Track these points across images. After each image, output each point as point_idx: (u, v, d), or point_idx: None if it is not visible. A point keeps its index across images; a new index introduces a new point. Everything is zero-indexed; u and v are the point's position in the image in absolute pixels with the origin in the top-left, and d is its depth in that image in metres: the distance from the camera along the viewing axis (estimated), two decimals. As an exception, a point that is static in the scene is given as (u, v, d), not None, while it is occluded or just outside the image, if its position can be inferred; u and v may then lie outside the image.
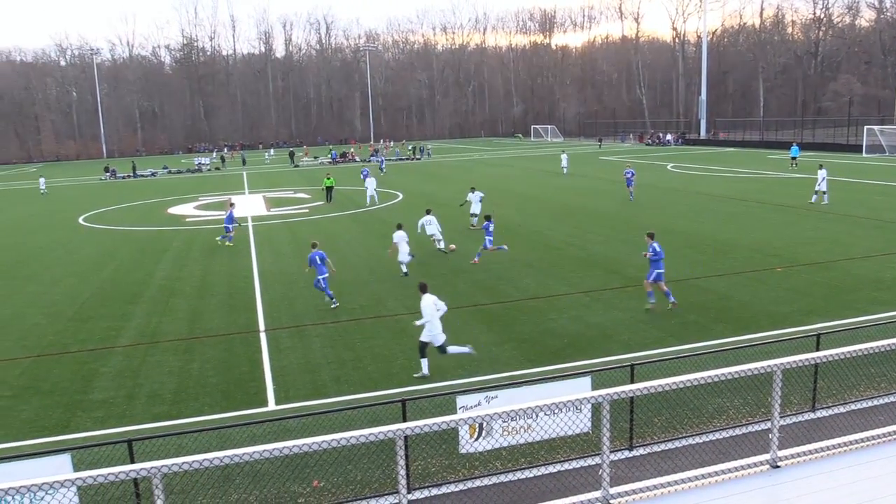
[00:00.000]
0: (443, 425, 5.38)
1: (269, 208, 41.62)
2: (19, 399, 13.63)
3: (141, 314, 19.33)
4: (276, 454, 5.14)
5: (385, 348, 15.51)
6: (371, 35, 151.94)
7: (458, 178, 54.99)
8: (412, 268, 22.67)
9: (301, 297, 20.31)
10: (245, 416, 12.25)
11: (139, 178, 71.88)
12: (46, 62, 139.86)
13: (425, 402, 10.64)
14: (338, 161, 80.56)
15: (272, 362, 14.93)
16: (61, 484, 5.04)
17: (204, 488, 9.78)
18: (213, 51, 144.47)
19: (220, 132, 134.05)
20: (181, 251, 28.45)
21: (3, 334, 17.97)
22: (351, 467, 10.15)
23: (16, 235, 35.17)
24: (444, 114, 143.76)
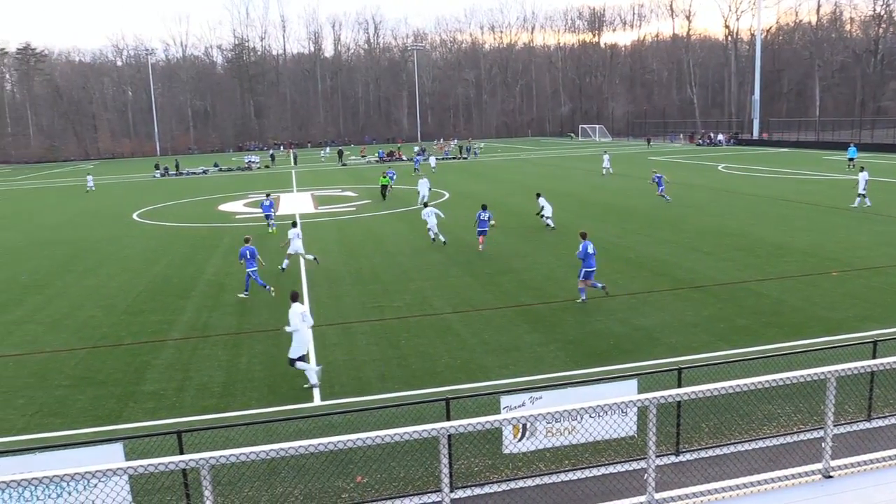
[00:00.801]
0: (486, 425, 5.37)
1: (316, 206, 42.10)
2: (75, 388, 14.06)
3: (191, 308, 19.75)
4: (321, 449, 5.20)
5: (429, 346, 15.56)
6: (419, 34, 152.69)
7: (504, 178, 54.85)
8: (455, 271, 22.69)
9: (347, 294, 20.50)
10: (291, 410, 12.42)
11: (183, 175, 73.38)
12: (104, 62, 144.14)
13: (469, 402, 10.64)
14: (385, 160, 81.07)
15: (318, 358, 15.10)
16: (114, 472, 5.18)
17: (250, 480, 9.95)
18: (263, 51, 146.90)
19: (270, 131, 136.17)
20: (231, 247, 28.95)
21: (61, 326, 18.56)
22: (394, 464, 10.21)
23: (74, 230, 36.28)
24: (492, 113, 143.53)
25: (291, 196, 48.50)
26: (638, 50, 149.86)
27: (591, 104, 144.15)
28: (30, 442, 11.51)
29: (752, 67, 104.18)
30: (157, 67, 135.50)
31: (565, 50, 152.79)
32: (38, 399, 13.60)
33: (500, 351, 15.08)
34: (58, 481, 5.81)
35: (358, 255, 26.16)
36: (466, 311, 18.22)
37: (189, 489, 8.85)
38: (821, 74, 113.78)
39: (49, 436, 11.87)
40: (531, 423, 9.56)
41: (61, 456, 8.80)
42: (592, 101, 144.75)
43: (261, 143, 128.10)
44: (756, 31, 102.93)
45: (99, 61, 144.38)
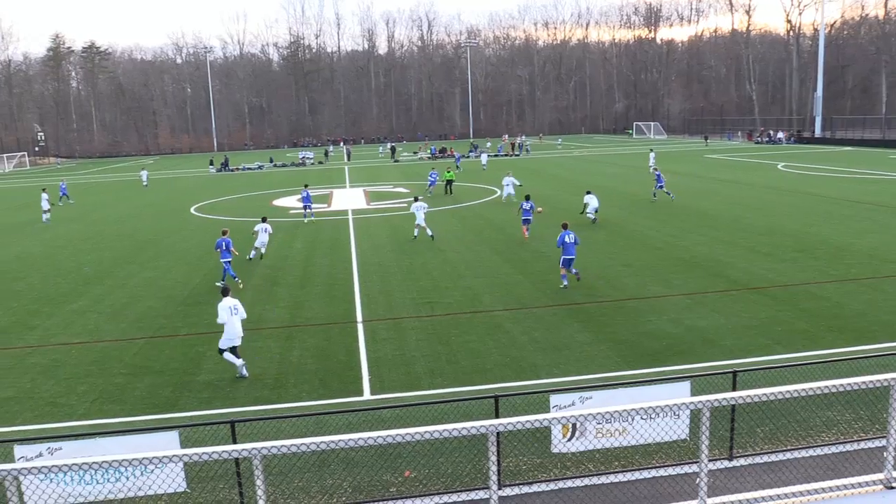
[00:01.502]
0: (535, 423, 5.35)
1: (368, 202, 42.47)
2: (134, 377, 14.49)
3: (246, 301, 19.98)
4: (371, 443, 5.25)
5: (479, 343, 15.55)
6: (472, 31, 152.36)
7: (555, 175, 54.44)
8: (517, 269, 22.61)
9: (398, 289, 20.64)
10: (341, 404, 12.57)
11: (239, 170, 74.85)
12: (164, 60, 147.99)
13: (518, 400, 10.60)
14: (437, 156, 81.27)
15: (368, 353, 15.25)
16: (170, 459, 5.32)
17: (300, 472, 10.10)
18: (318, 48, 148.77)
19: (324, 127, 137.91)
20: (284, 242, 29.45)
21: (120, 316, 19.15)
22: (443, 460, 10.24)
23: (135, 224, 37.37)
24: (544, 110, 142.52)
25: (344, 192, 49.04)
26: (695, 45, 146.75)
27: (647, 101, 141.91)
28: (90, 427, 11.91)
29: (814, 63, 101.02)
30: (215, 65, 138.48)
31: (620, 46, 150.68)
32: (98, 386, 14.07)
33: (550, 349, 14.99)
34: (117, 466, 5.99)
35: (409, 251, 26.31)
36: (517, 308, 18.15)
37: (241, 478, 9.03)
38: (888, 70, 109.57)
39: (108, 422, 12.27)
40: (581, 423, 9.49)
41: (120, 441, 9.08)
42: (647, 97, 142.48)
43: (315, 140, 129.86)
44: (819, 26, 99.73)
45: (160, 59, 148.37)
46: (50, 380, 14.54)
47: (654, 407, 5.54)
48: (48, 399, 13.54)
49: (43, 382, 14.41)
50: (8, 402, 13.52)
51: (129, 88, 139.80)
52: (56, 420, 12.51)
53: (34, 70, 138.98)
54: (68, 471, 8.22)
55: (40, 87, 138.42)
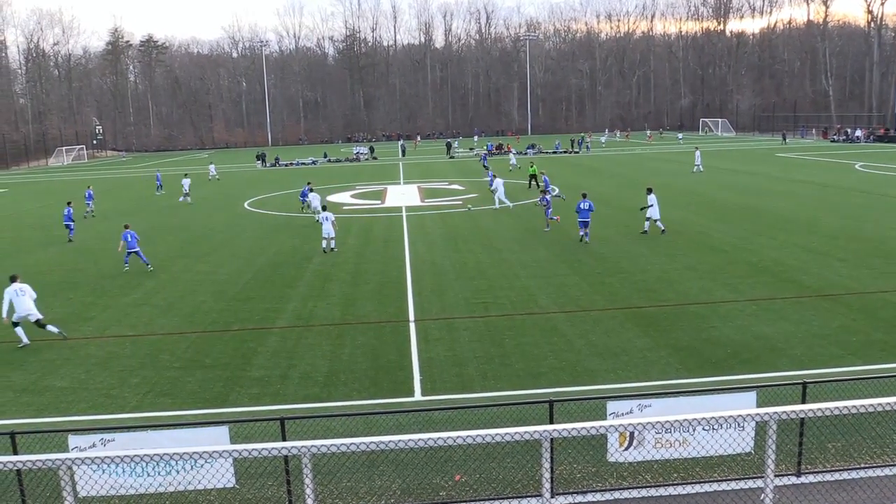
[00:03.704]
0: (591, 430, 5.30)
1: (422, 199, 42.66)
2: (185, 371, 14.88)
3: (298, 298, 20.48)
4: (421, 444, 5.28)
5: (534, 346, 15.48)
6: (532, 24, 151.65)
7: (617, 173, 53.75)
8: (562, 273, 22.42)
9: (451, 288, 20.68)
10: (391, 404, 12.66)
11: (285, 166, 76.07)
12: (220, 54, 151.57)
13: (573, 405, 10.51)
14: (493, 153, 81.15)
15: (420, 353, 15.33)
16: (220, 454, 5.44)
17: (349, 471, 10.21)
18: (374, 42, 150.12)
19: (379, 122, 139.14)
20: (337, 238, 29.76)
21: (174, 310, 19.69)
22: (494, 465, 10.22)
23: (189, 218, 38.36)
24: (606, 105, 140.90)
25: (398, 188, 49.37)
26: (767, 38, 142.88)
27: (714, 96, 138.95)
28: (142, 420, 12.28)
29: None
30: (271, 59, 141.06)
31: (687, 39, 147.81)
32: (150, 379, 14.49)
33: (608, 354, 14.82)
34: (167, 459, 6.16)
35: (463, 249, 26.34)
36: (573, 311, 18.00)
37: (290, 476, 9.18)
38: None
39: (160, 415, 12.63)
40: (639, 432, 9.36)
41: (171, 435, 9.34)
42: (715, 93, 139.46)
43: (369, 135, 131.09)
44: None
45: (216, 53, 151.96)
46: (104, 371, 15.04)
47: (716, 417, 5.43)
48: (102, 391, 14.01)
49: (97, 374, 14.92)
50: (63, 392, 14.04)
51: (185, 82, 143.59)
52: (109, 412, 12.93)
53: (93, 64, 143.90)
54: (120, 462, 8.49)
55: (99, 81, 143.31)
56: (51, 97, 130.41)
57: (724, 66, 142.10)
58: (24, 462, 5.53)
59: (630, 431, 9.35)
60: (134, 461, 7.84)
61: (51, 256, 28.78)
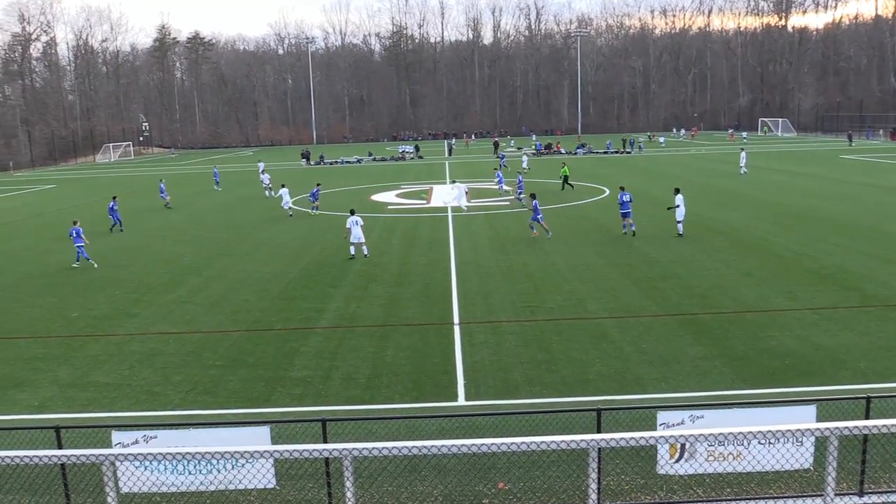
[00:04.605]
0: (641, 441, 5.23)
1: (469, 199, 42.65)
2: (228, 370, 15.13)
3: (341, 298, 20.67)
4: (464, 450, 5.28)
5: (582, 352, 15.35)
6: (583, 20, 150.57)
7: (669, 174, 52.97)
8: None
9: (497, 291, 20.64)
10: (434, 408, 12.69)
11: (330, 164, 76.82)
12: (266, 51, 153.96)
13: (622, 415, 10.40)
14: (542, 152, 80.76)
15: (464, 356, 15.33)
16: (261, 454, 5.52)
17: (391, 476, 10.26)
18: (421, 38, 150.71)
19: (425, 120, 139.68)
20: (382, 238, 30.01)
21: (217, 308, 20.05)
22: (538, 473, 10.16)
23: (233, 215, 39.03)
24: (659, 104, 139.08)
25: (444, 188, 49.44)
26: (832, 34, 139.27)
27: (774, 95, 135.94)
28: (184, 417, 12.52)
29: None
30: (317, 56, 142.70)
31: (746, 35, 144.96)
32: (193, 377, 14.77)
33: (659, 362, 14.61)
34: (209, 458, 6.27)
35: (509, 251, 26.26)
36: (623, 316, 17.80)
37: (331, 478, 9.26)
38: None
39: (202, 413, 12.87)
40: (691, 444, 9.21)
41: (212, 434, 9.51)
42: (775, 91, 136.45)
43: (415, 133, 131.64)
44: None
45: (262, 50, 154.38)
46: (147, 368, 15.39)
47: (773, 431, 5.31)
48: (145, 387, 14.33)
49: (141, 370, 15.27)
50: (107, 388, 14.40)
51: (231, 79, 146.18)
52: (152, 408, 13.22)
53: (140, 61, 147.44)
54: (162, 459, 8.69)
55: (146, 78, 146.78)
56: (99, 94, 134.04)
57: (786, 64, 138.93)
58: (69, 456, 5.70)
59: (681, 443, 9.21)
60: (176, 459, 8.00)
61: (95, 251, 29.53)
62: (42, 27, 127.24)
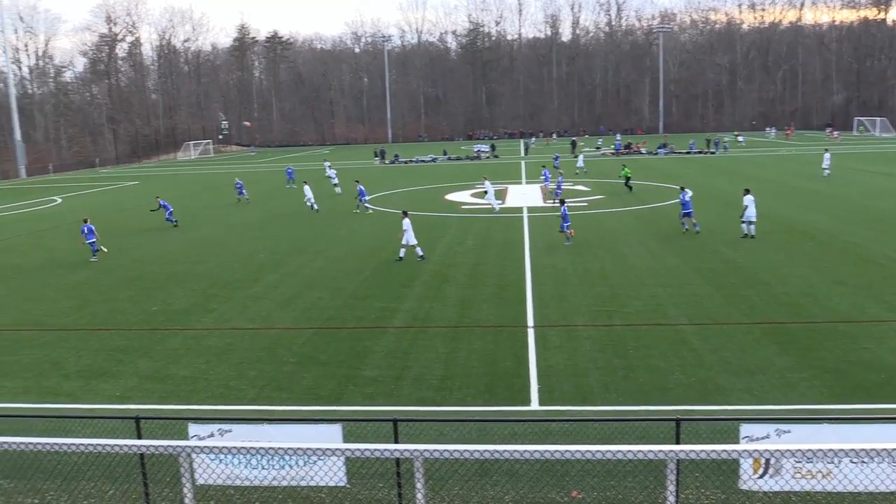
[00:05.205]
0: (723, 454, 5.10)
1: (545, 200, 42.40)
2: (301, 367, 15.44)
3: (414, 298, 20.83)
4: (537, 456, 5.25)
5: (661, 359, 15.04)
6: (666, 15, 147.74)
7: (756, 176, 51.42)
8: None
9: (573, 294, 20.43)
10: (506, 412, 12.64)
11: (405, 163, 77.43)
12: (342, 49, 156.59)
13: (702, 426, 10.15)
14: (621, 152, 79.60)
15: (538, 360, 15.23)
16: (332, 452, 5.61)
17: (461, 479, 10.27)
18: (498, 36, 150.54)
19: (501, 119, 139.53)
20: (456, 238, 30.11)
21: (291, 305, 20.48)
22: (614, 483, 10.01)
23: (308, 213, 39.77)
24: (746, 102, 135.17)
25: (520, 188, 49.30)
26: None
27: (872, 92, 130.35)
28: (258, 412, 12.83)
29: None
30: (393, 54, 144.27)
31: (841, 29, 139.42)
32: (267, 373, 15.13)
33: (743, 372, 14.19)
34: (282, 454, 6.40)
35: (586, 253, 25.96)
36: (705, 324, 17.36)
37: (401, 479, 9.33)
38: None
39: (275, 409, 13.18)
40: (776, 459, 8.91)
41: (285, 430, 9.70)
42: (873, 88, 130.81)
43: (490, 132, 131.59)
44: None
45: (338, 49, 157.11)
46: (223, 363, 15.85)
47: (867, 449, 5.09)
48: (221, 381, 14.76)
49: (217, 365, 15.74)
50: (185, 381, 14.90)
51: (307, 78, 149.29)
52: (227, 402, 13.60)
53: (220, 60, 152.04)
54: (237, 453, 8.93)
55: (225, 77, 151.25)
56: (180, 93, 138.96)
57: (885, 59, 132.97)
58: (148, 447, 5.92)
59: (766, 458, 8.92)
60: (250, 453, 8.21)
61: (176, 246, 30.62)
62: (127, 28, 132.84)
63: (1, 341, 18.38)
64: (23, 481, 10.61)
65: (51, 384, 15.14)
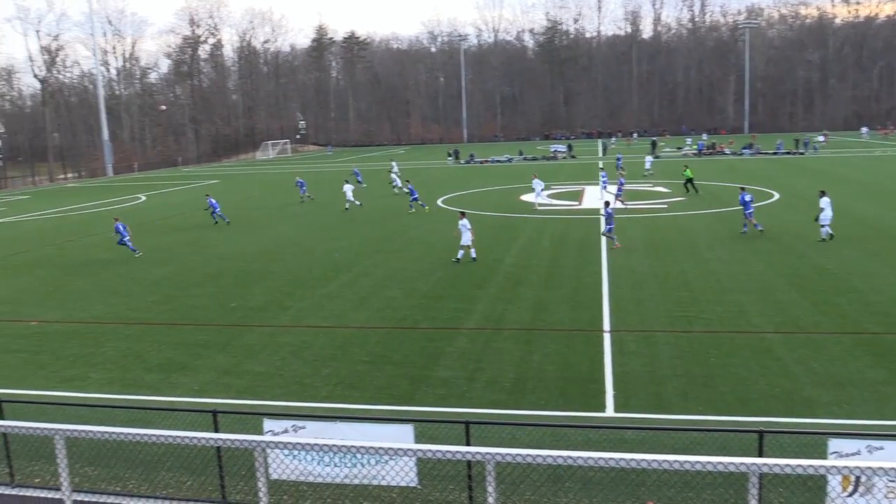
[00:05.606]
0: (809, 470, 4.91)
1: (623, 202, 41.76)
2: (374, 366, 15.62)
3: (487, 299, 20.81)
4: (612, 464, 5.16)
5: (743, 368, 14.62)
6: (753, 10, 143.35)
7: (851, 178, 49.46)
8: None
9: (652, 298, 20.06)
10: (581, 417, 12.50)
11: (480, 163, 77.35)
12: (419, 49, 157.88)
13: (787, 439, 9.81)
14: (703, 153, 77.73)
15: (614, 366, 15.00)
16: (404, 452, 5.64)
17: (533, 485, 10.21)
18: (576, 33, 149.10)
19: (578, 119, 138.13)
20: (531, 240, 29.96)
21: (365, 304, 20.75)
22: (692, 495, 9.77)
23: (382, 213, 40.24)
24: (839, 100, 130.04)
25: (596, 189, 48.67)
26: None
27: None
28: (330, 410, 13.05)
29: None
30: (469, 53, 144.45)
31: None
32: (340, 371, 15.37)
33: (832, 384, 13.66)
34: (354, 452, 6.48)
35: (666, 257, 25.44)
36: (792, 332, 16.78)
37: (472, 482, 9.34)
38: None
39: (347, 407, 13.37)
40: (867, 477, 8.53)
41: (357, 428, 9.85)
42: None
43: (568, 132, 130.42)
44: None
45: (415, 48, 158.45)
46: (298, 360, 16.17)
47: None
48: (295, 378, 15.07)
49: (292, 362, 16.08)
50: (260, 376, 15.27)
51: (384, 78, 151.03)
52: (300, 399, 13.87)
53: (298, 61, 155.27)
54: (310, 450, 9.10)
55: (303, 77, 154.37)
56: (259, 93, 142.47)
57: None
58: (224, 440, 6.08)
59: (856, 475, 8.56)
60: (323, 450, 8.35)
61: (253, 245, 31.41)
62: (210, 30, 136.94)
63: (88, 333, 19.22)
64: (105, 469, 11.07)
65: (133, 376, 15.75)
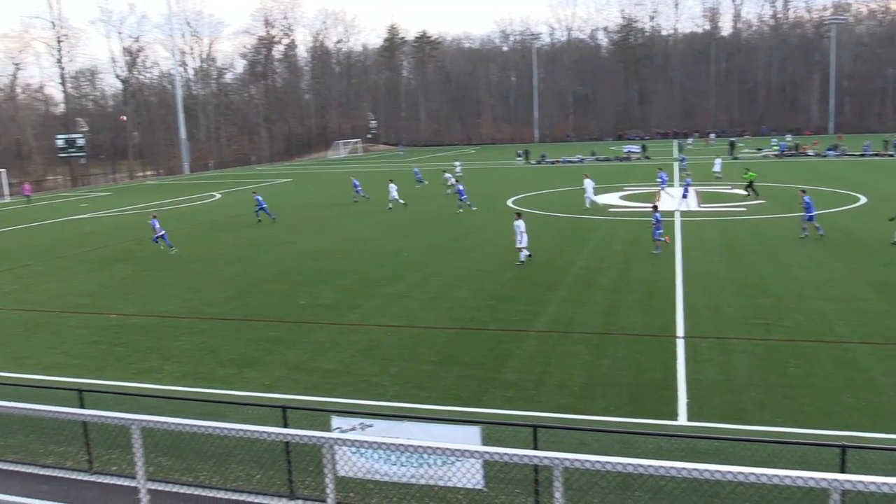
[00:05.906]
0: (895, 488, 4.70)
1: (699, 204, 40.92)
2: (442, 367, 15.68)
3: (557, 301, 20.65)
4: (684, 474, 5.05)
5: (826, 380, 14.13)
6: (840, 5, 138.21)
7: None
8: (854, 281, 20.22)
9: (728, 304, 19.58)
10: (652, 425, 12.28)
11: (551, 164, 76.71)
12: (490, 48, 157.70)
13: (873, 455, 9.42)
14: (784, 154, 75.43)
15: (688, 373, 14.69)
16: (471, 454, 5.64)
17: (601, 492, 10.07)
18: (652, 31, 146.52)
19: (653, 118, 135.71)
20: (603, 242, 29.62)
21: (434, 304, 20.85)
22: (768, 509, 9.50)
23: (452, 213, 40.34)
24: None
25: (672, 191, 47.77)
26: None
27: None
28: (398, 409, 13.15)
29: None
30: (541, 52, 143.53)
31: None
32: (409, 370, 15.48)
33: (922, 398, 13.08)
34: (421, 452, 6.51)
35: (743, 262, 24.79)
36: (879, 343, 16.13)
37: (539, 486, 9.27)
38: None
39: (415, 407, 13.45)
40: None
41: (425, 428, 9.90)
42: None
43: (642, 132, 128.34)
44: None
45: (486, 47, 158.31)
46: (367, 358, 16.36)
47: None
48: (364, 377, 15.25)
49: (360, 360, 16.27)
50: (329, 374, 15.51)
51: (455, 77, 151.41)
52: (369, 398, 14.02)
53: (370, 60, 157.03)
54: (377, 448, 9.19)
55: (374, 77, 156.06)
56: (332, 93, 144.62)
57: None
58: (293, 436, 6.19)
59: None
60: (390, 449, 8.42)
61: (324, 243, 31.92)
62: (284, 30, 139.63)
63: (164, 327, 19.87)
64: (179, 460, 11.41)
65: (206, 370, 16.20)
